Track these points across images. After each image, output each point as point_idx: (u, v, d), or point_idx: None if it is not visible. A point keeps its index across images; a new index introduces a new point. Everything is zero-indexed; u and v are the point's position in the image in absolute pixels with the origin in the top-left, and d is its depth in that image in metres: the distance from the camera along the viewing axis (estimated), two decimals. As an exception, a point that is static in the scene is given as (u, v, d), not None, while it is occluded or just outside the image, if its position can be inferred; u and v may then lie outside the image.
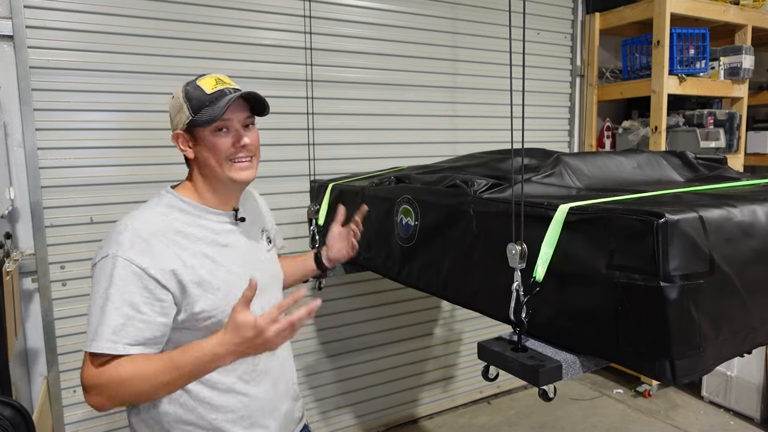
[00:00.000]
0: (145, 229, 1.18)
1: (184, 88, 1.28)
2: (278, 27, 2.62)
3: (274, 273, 1.45)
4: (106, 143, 2.32)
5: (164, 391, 1.17)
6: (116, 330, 1.11)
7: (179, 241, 1.21)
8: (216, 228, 1.29)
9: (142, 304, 1.13)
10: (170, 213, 1.25)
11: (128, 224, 1.19)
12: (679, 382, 1.06)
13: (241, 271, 1.28)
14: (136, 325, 1.13)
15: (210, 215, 1.30)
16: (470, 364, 3.38)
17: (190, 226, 1.25)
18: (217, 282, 1.23)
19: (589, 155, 1.71)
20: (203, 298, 1.20)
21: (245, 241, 1.35)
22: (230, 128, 1.26)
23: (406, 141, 3.03)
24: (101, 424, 2.40)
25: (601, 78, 3.65)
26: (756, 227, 1.17)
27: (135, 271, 1.13)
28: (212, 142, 1.24)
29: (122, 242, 1.15)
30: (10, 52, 2.12)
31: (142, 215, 1.23)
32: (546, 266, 1.23)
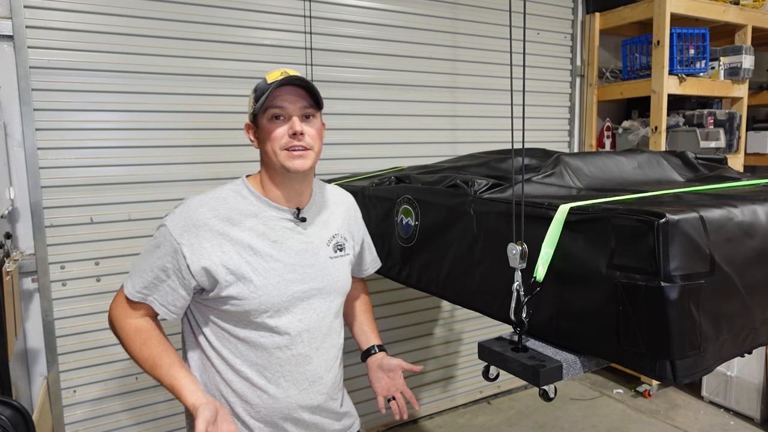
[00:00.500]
0: (196, 208, 1.26)
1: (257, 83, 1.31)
2: (278, 27, 2.62)
3: (333, 282, 1.38)
4: (106, 143, 2.32)
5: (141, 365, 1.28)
6: (148, 285, 1.25)
7: (226, 227, 1.25)
8: (271, 222, 1.30)
9: (171, 273, 1.24)
10: (232, 198, 1.29)
11: (188, 201, 1.28)
12: (679, 382, 1.06)
13: (285, 270, 1.28)
14: (164, 288, 1.25)
15: (270, 209, 1.31)
16: (470, 364, 3.38)
17: (245, 215, 1.28)
18: (252, 274, 1.24)
19: (590, 155, 1.71)
20: (234, 286, 1.23)
21: (302, 242, 1.33)
22: (286, 116, 1.26)
23: (406, 141, 3.03)
24: (101, 424, 2.40)
25: (601, 78, 3.65)
26: (756, 227, 1.17)
27: (173, 245, 1.23)
28: (268, 129, 1.26)
29: (175, 214, 1.26)
30: (10, 52, 2.12)
31: (204, 195, 1.30)
32: (546, 266, 1.23)
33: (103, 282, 2.35)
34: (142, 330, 1.27)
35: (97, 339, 2.35)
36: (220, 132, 2.52)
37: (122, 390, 2.43)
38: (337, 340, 1.43)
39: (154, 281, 1.25)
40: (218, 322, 1.29)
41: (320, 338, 1.35)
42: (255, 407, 1.30)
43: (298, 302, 1.30)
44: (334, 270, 1.38)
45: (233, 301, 1.24)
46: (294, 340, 1.30)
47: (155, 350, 1.24)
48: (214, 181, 2.51)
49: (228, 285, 1.23)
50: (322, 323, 1.36)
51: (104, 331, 2.37)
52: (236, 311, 1.25)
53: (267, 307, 1.26)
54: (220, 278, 1.22)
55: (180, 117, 2.44)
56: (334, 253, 1.39)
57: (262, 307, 1.25)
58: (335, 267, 1.38)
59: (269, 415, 1.31)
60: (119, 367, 2.41)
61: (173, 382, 1.20)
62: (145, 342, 1.26)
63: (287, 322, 1.29)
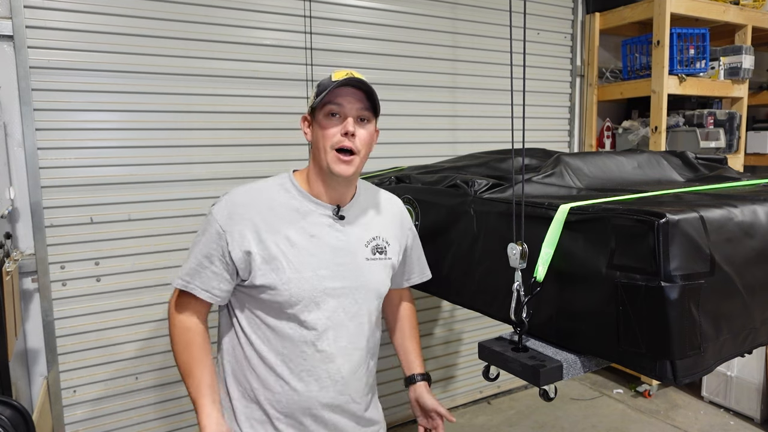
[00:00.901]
0: (242, 197, 1.31)
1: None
2: (278, 27, 2.62)
3: (366, 283, 1.37)
4: (106, 143, 2.31)
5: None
6: (190, 272, 1.30)
7: (266, 216, 1.29)
8: (310, 217, 1.32)
9: (216, 258, 1.28)
10: (275, 191, 1.34)
11: (234, 190, 1.34)
12: (679, 382, 1.06)
13: (320, 265, 1.30)
14: (206, 274, 1.29)
15: (310, 204, 1.33)
16: (470, 364, 3.38)
17: (286, 208, 1.31)
18: (287, 264, 1.27)
19: (590, 155, 1.71)
20: (267, 274, 1.26)
21: (339, 239, 1.34)
22: (341, 115, 1.28)
23: (406, 141, 3.03)
24: (101, 424, 2.40)
25: (601, 78, 3.65)
26: (756, 227, 1.17)
27: (218, 230, 1.27)
28: (322, 125, 1.29)
29: (221, 202, 1.31)
30: (10, 52, 2.12)
31: (249, 185, 1.35)
32: (546, 266, 1.23)
33: (103, 282, 2.35)
34: (189, 330, 1.32)
35: (97, 339, 2.35)
36: (220, 132, 2.51)
37: (122, 390, 2.43)
38: (365, 343, 1.40)
39: (197, 268, 1.29)
40: (252, 308, 1.32)
41: (346, 338, 1.34)
42: (276, 396, 1.32)
43: (329, 299, 1.31)
44: (369, 272, 1.37)
45: (266, 290, 1.27)
46: (320, 336, 1.31)
47: (194, 357, 1.31)
48: (214, 181, 2.52)
49: (262, 274, 1.26)
50: (351, 324, 1.35)
51: (104, 331, 2.37)
52: (269, 300, 1.28)
53: (298, 299, 1.27)
54: (255, 266, 1.26)
55: (180, 117, 2.44)
56: (372, 255, 1.39)
57: (293, 299, 1.27)
58: (371, 269, 1.38)
59: (289, 406, 1.32)
60: (119, 367, 2.41)
61: (197, 397, 1.29)
62: (187, 346, 1.32)
63: (315, 318, 1.30)
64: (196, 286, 1.29)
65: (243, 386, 1.35)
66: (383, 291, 1.43)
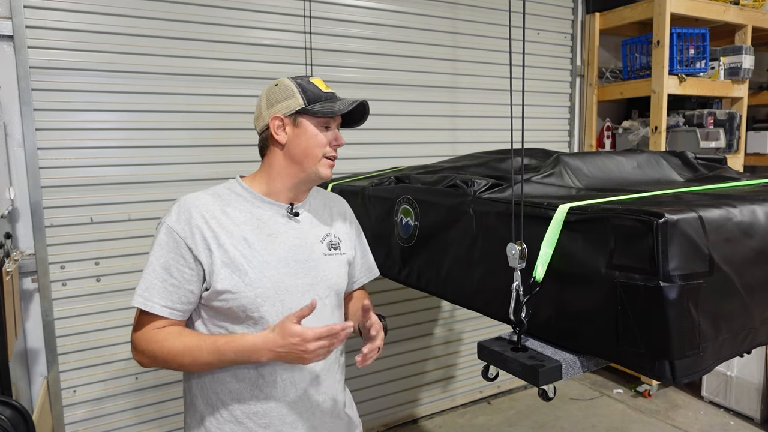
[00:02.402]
0: (193, 204, 1.28)
1: (293, 80, 1.33)
2: (278, 27, 2.62)
3: (326, 278, 1.38)
4: (106, 143, 2.32)
5: (201, 368, 1.26)
6: (148, 288, 1.24)
7: (221, 221, 1.27)
8: (265, 217, 1.32)
9: (174, 269, 1.23)
10: (225, 195, 1.33)
11: (182, 198, 1.30)
12: (679, 382, 1.06)
13: (279, 263, 1.29)
14: (166, 288, 1.23)
15: (263, 204, 1.33)
16: (470, 364, 3.38)
17: (239, 210, 1.30)
18: (247, 266, 1.25)
19: (589, 155, 1.71)
20: (229, 278, 1.24)
21: (295, 237, 1.34)
22: (331, 128, 1.34)
23: (406, 141, 3.03)
24: (101, 424, 2.40)
25: (601, 78, 3.65)
26: (756, 227, 1.17)
27: (175, 238, 1.24)
28: (318, 134, 1.31)
29: (172, 212, 1.28)
30: (10, 52, 2.12)
31: (198, 193, 1.33)
32: (546, 266, 1.23)
33: (103, 282, 2.35)
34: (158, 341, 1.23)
35: (97, 339, 2.35)
36: (220, 132, 2.52)
37: (122, 390, 2.43)
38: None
39: (155, 282, 1.23)
40: (216, 321, 1.29)
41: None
42: (253, 408, 1.30)
43: (293, 296, 1.30)
44: (327, 267, 1.38)
45: (227, 295, 1.24)
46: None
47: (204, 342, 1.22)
48: (214, 181, 2.48)
49: (223, 278, 1.23)
50: (317, 321, 1.32)
51: (104, 331, 2.37)
52: (234, 307, 1.25)
53: (263, 299, 1.26)
54: (216, 270, 1.23)
55: (180, 117, 2.44)
56: (328, 251, 1.40)
57: (259, 300, 1.26)
58: (329, 264, 1.39)
59: (267, 415, 1.30)
60: (119, 367, 2.41)
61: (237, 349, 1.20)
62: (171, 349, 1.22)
63: (281, 317, 1.27)
64: (156, 303, 1.23)
65: (214, 405, 1.31)
66: (342, 286, 1.44)
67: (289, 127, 1.31)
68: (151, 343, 1.23)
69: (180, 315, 1.26)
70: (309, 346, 1.16)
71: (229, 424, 1.30)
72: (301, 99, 1.29)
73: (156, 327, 1.25)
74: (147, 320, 1.25)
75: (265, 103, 1.33)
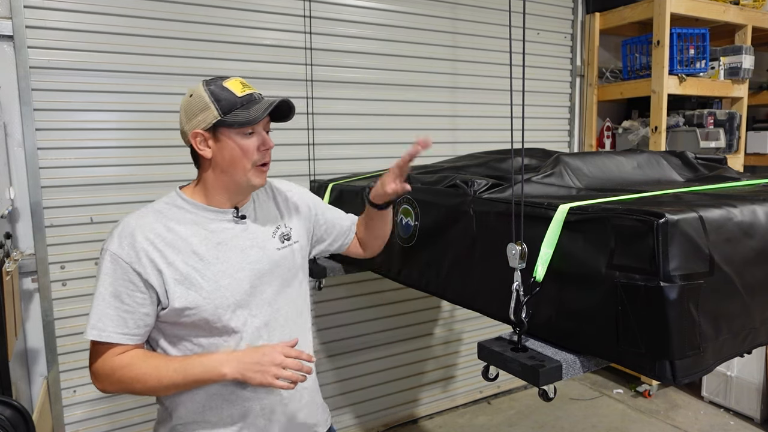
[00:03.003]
0: (135, 224, 1.23)
1: (206, 87, 1.24)
2: (278, 27, 2.62)
3: (285, 271, 1.37)
4: (106, 143, 2.32)
5: (167, 389, 1.22)
6: (101, 318, 1.19)
7: (167, 238, 1.23)
8: (211, 226, 1.29)
9: (125, 295, 1.19)
10: (167, 210, 1.27)
11: (123, 220, 1.25)
12: (679, 382, 1.06)
13: (234, 269, 1.27)
14: (119, 315, 1.19)
15: (207, 213, 1.29)
16: (470, 364, 3.38)
17: (183, 224, 1.26)
18: (202, 280, 1.23)
19: (589, 155, 1.71)
20: (185, 295, 1.21)
21: (245, 239, 1.32)
22: (256, 132, 1.27)
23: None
24: (101, 425, 2.40)
25: (601, 78, 3.65)
26: (756, 227, 1.17)
27: (121, 264, 1.19)
28: (241, 144, 1.24)
29: (113, 237, 1.22)
30: (10, 52, 2.12)
31: (139, 212, 1.27)
32: (546, 266, 1.23)
33: (103, 282, 2.35)
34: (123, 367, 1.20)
35: (97, 339, 2.35)
36: (220, 132, 2.51)
37: (122, 390, 2.43)
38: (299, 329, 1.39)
39: (106, 311, 1.19)
40: (181, 336, 1.26)
41: (281, 331, 1.33)
42: (229, 411, 1.28)
43: (253, 299, 1.28)
44: (284, 260, 1.37)
45: (188, 311, 1.21)
46: (255, 336, 1.28)
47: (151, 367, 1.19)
48: None
49: (179, 296, 1.20)
50: (280, 316, 1.34)
51: (104, 331, 2.37)
52: (195, 321, 1.23)
53: (224, 309, 1.24)
54: (170, 289, 1.20)
55: (180, 117, 2.44)
56: (281, 244, 1.38)
57: (219, 311, 1.23)
58: (284, 257, 1.38)
59: (244, 416, 1.29)
60: (119, 367, 2.41)
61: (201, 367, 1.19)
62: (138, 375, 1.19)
63: (245, 321, 1.27)
64: (112, 332, 1.18)
65: (191, 416, 1.28)
66: (301, 275, 1.44)
67: (211, 141, 1.25)
68: (117, 370, 1.19)
69: (138, 339, 1.22)
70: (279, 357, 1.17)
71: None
72: (216, 111, 1.22)
73: (115, 354, 1.21)
74: (104, 349, 1.21)
75: (185, 117, 1.27)
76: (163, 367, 1.19)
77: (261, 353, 1.19)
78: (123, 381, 1.20)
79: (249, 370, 1.17)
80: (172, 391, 1.24)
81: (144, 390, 1.21)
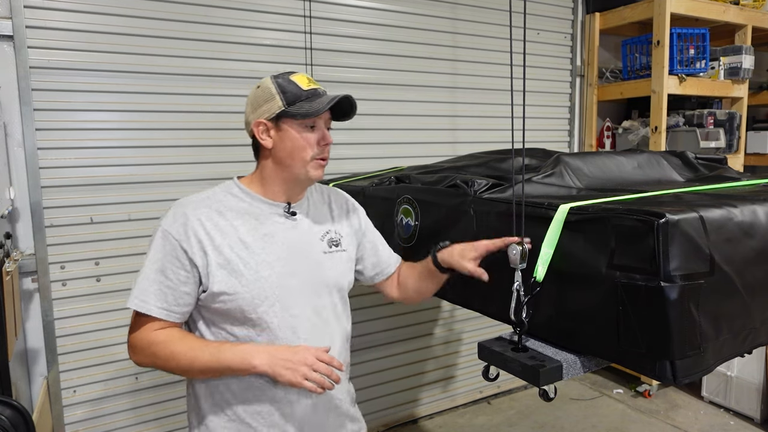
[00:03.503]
0: (190, 206, 1.28)
1: (273, 80, 1.29)
2: (278, 27, 2.62)
3: (327, 276, 1.36)
4: (106, 143, 2.32)
5: (198, 373, 1.24)
6: (144, 290, 1.24)
7: (217, 223, 1.26)
8: (262, 217, 1.31)
9: (170, 271, 1.23)
10: (222, 197, 1.32)
11: (180, 201, 1.31)
12: (679, 382, 1.06)
13: (278, 263, 1.28)
14: (161, 290, 1.23)
15: (260, 204, 1.32)
16: (470, 364, 3.38)
17: (235, 212, 1.29)
18: (243, 268, 1.24)
19: (589, 155, 1.71)
20: (225, 280, 1.23)
21: (294, 236, 1.33)
22: (317, 126, 1.30)
23: (406, 141, 3.03)
24: (101, 424, 2.40)
25: (601, 78, 3.65)
26: (756, 227, 1.17)
27: (170, 241, 1.23)
28: (302, 136, 1.28)
29: (168, 215, 1.28)
30: (10, 52, 2.12)
31: (195, 195, 1.32)
32: (546, 266, 1.23)
33: (103, 282, 2.35)
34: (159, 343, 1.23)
35: (97, 339, 2.35)
36: (220, 132, 2.52)
37: (122, 390, 2.43)
38: (336, 337, 1.38)
39: (150, 285, 1.23)
40: (216, 322, 1.28)
41: (316, 335, 1.32)
42: (256, 408, 1.29)
43: (291, 296, 1.29)
44: (329, 264, 1.37)
45: (224, 296, 1.23)
46: (289, 336, 1.28)
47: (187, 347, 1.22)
48: (214, 181, 2.48)
49: (219, 280, 1.23)
50: (317, 319, 1.33)
51: (104, 331, 2.37)
52: (232, 309, 1.24)
53: (261, 299, 1.25)
54: (212, 272, 1.23)
55: (180, 117, 2.44)
56: (328, 248, 1.38)
57: (256, 301, 1.25)
58: (331, 261, 1.37)
59: (270, 416, 1.29)
60: (119, 367, 2.41)
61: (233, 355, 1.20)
62: (172, 353, 1.22)
63: (281, 318, 1.27)
64: (152, 305, 1.23)
65: (221, 407, 1.30)
66: (344, 284, 1.42)
67: (273, 131, 1.29)
68: (152, 345, 1.23)
69: (176, 317, 1.25)
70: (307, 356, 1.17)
71: (233, 423, 1.29)
72: (281, 101, 1.26)
73: (154, 329, 1.24)
74: (144, 322, 1.25)
75: (250, 108, 1.32)
76: (198, 349, 1.21)
77: (294, 351, 1.20)
78: (157, 356, 1.23)
79: (279, 365, 1.18)
80: (202, 375, 1.26)
81: (176, 368, 1.24)
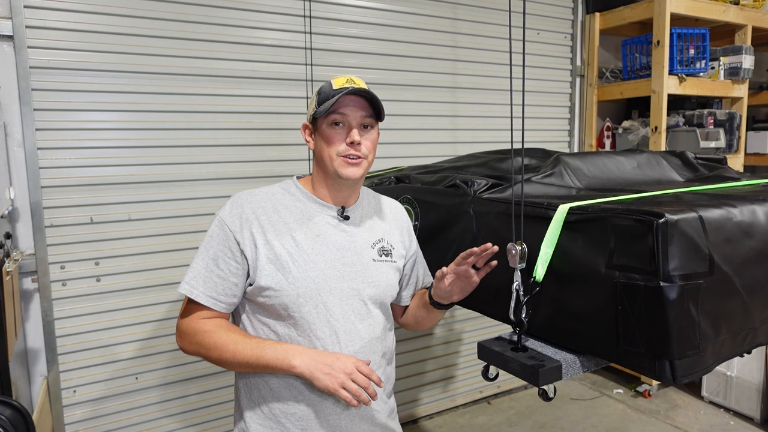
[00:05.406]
0: (247, 199, 1.31)
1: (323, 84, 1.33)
2: (278, 27, 2.62)
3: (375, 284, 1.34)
4: (106, 143, 2.32)
5: (239, 366, 1.25)
6: (195, 276, 1.27)
7: (272, 218, 1.29)
8: (315, 218, 1.32)
9: (222, 261, 1.26)
10: (279, 194, 1.35)
11: (239, 193, 1.34)
12: (678, 382, 1.06)
13: (326, 265, 1.28)
14: (211, 278, 1.26)
15: (314, 204, 1.34)
16: (470, 364, 3.38)
17: (290, 209, 1.32)
18: (292, 265, 1.26)
19: (589, 155, 1.71)
20: (273, 275, 1.25)
21: (344, 239, 1.33)
22: (345, 124, 1.29)
23: (406, 141, 3.03)
24: (101, 424, 2.40)
25: (601, 78, 3.65)
26: (756, 227, 1.17)
27: (225, 231, 1.27)
28: (326, 135, 1.29)
29: (226, 205, 1.32)
30: (10, 52, 2.12)
31: (255, 189, 1.35)
32: (546, 266, 1.23)
33: (103, 282, 2.35)
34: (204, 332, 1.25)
35: (97, 339, 2.35)
36: (219, 132, 2.52)
37: (122, 390, 2.43)
38: (378, 346, 1.35)
39: (203, 271, 1.27)
40: (259, 317, 1.30)
41: (358, 342, 1.30)
42: (292, 409, 1.29)
43: (336, 300, 1.28)
44: (376, 273, 1.35)
45: (269, 291, 1.25)
46: (331, 340, 1.27)
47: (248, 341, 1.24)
48: (214, 181, 2.52)
49: (267, 274, 1.24)
50: (361, 326, 1.31)
51: (104, 331, 2.37)
52: (276, 305, 1.25)
53: (305, 299, 1.25)
54: (261, 266, 1.25)
55: (180, 117, 2.44)
56: (378, 257, 1.37)
57: (301, 299, 1.25)
58: (379, 270, 1.36)
59: (306, 419, 1.29)
60: (119, 367, 2.41)
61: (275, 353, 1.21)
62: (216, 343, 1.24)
63: (324, 321, 1.27)
64: (201, 293, 1.26)
65: (255, 402, 1.32)
66: (391, 293, 1.40)
67: (313, 133, 1.34)
68: (198, 333, 1.26)
69: (223, 306, 1.28)
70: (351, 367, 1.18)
71: (267, 421, 1.31)
72: (315, 103, 1.30)
73: (202, 317, 1.27)
74: (193, 309, 1.28)
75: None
76: (241, 342, 1.23)
77: (335, 357, 1.21)
78: (201, 345, 1.26)
79: (318, 369, 1.19)
80: (243, 369, 1.27)
81: (218, 359, 1.25)
